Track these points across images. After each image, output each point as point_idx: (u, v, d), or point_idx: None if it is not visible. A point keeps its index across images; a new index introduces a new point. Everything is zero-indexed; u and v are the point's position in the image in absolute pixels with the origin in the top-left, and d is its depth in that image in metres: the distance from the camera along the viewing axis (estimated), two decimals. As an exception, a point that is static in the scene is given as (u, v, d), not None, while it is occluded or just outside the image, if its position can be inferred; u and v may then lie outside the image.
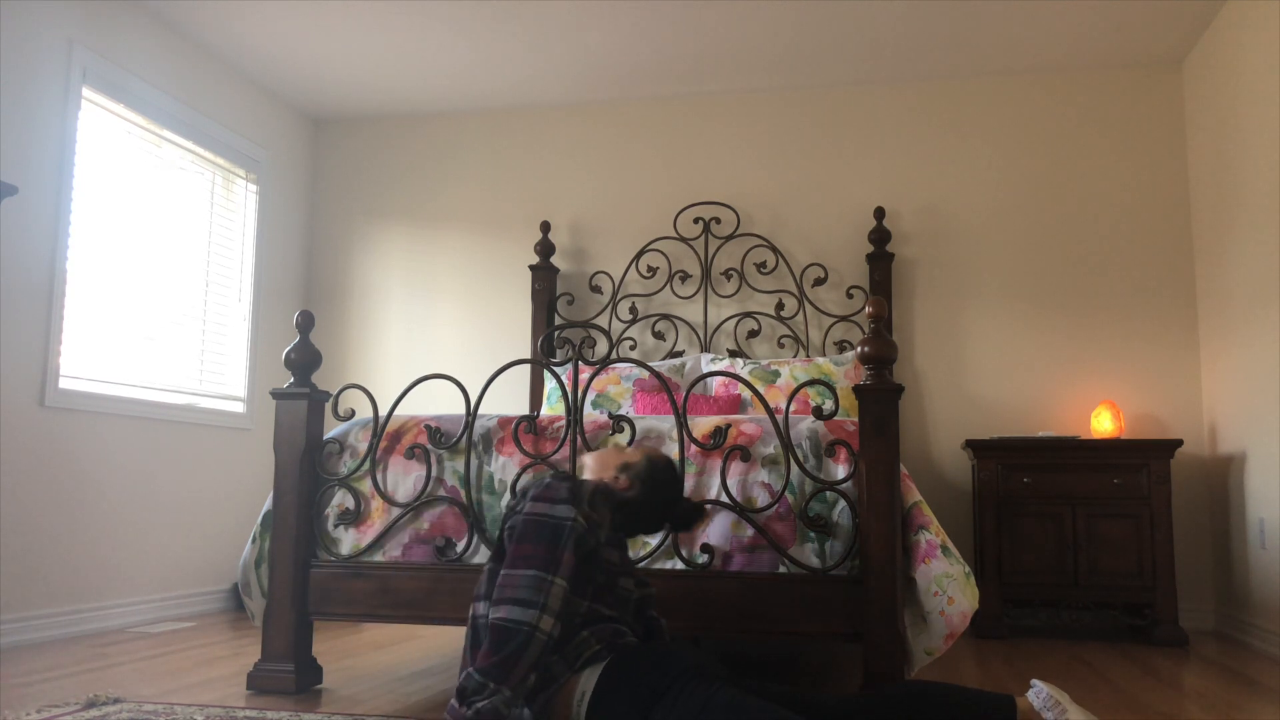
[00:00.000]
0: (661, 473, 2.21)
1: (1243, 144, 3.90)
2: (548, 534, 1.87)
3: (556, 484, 1.94)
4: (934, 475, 4.58)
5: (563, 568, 1.85)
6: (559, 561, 1.85)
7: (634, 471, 2.19)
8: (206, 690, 2.72)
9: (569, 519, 1.89)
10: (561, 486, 1.93)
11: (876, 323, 2.47)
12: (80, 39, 3.89)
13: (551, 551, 1.85)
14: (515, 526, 1.92)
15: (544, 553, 1.85)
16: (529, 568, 1.84)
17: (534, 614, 1.80)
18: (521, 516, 1.91)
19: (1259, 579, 3.79)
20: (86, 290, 3.94)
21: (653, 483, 2.19)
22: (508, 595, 1.83)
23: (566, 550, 1.87)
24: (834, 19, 4.22)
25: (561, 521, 1.88)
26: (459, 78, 4.87)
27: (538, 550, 1.86)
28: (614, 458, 2.23)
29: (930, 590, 2.34)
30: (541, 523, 1.88)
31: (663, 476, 2.21)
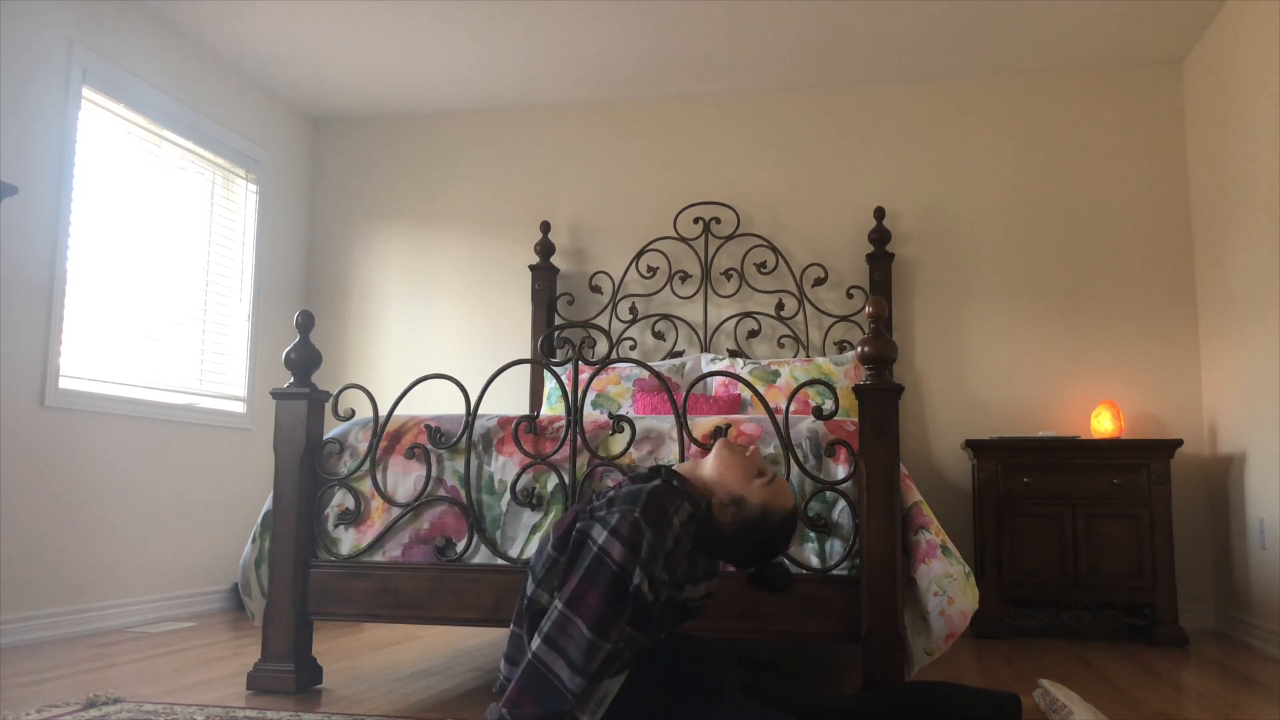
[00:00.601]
0: (771, 530, 1.96)
1: (1243, 144, 3.90)
2: (612, 592, 1.74)
3: (643, 526, 1.77)
4: (934, 475, 4.58)
5: (613, 632, 1.75)
6: (612, 624, 1.74)
7: (744, 513, 1.94)
8: (206, 690, 2.72)
9: (634, 584, 1.75)
10: (643, 535, 1.76)
11: (876, 323, 2.47)
12: (80, 39, 3.89)
13: (608, 612, 1.74)
14: (583, 543, 1.80)
15: (601, 610, 1.74)
16: (585, 623, 1.73)
17: (579, 681, 1.72)
18: (600, 547, 1.77)
19: (1259, 579, 3.79)
20: (86, 290, 3.94)
21: (755, 537, 1.96)
22: (561, 647, 1.73)
23: (623, 616, 1.76)
24: (834, 19, 4.22)
25: (627, 582, 1.75)
26: (459, 78, 4.87)
27: (597, 603, 1.74)
28: (740, 479, 1.96)
29: (930, 590, 2.34)
30: (611, 573, 1.75)
31: (769, 534, 1.96)
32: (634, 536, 1.76)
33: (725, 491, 1.96)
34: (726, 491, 1.96)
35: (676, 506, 1.84)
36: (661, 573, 1.80)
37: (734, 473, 1.97)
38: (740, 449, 2.01)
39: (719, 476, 1.97)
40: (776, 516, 1.96)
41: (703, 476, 1.98)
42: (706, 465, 2.01)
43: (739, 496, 1.95)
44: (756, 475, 1.97)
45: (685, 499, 1.88)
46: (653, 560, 1.77)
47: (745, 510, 1.94)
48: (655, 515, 1.79)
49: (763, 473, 1.98)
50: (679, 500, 1.86)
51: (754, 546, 1.96)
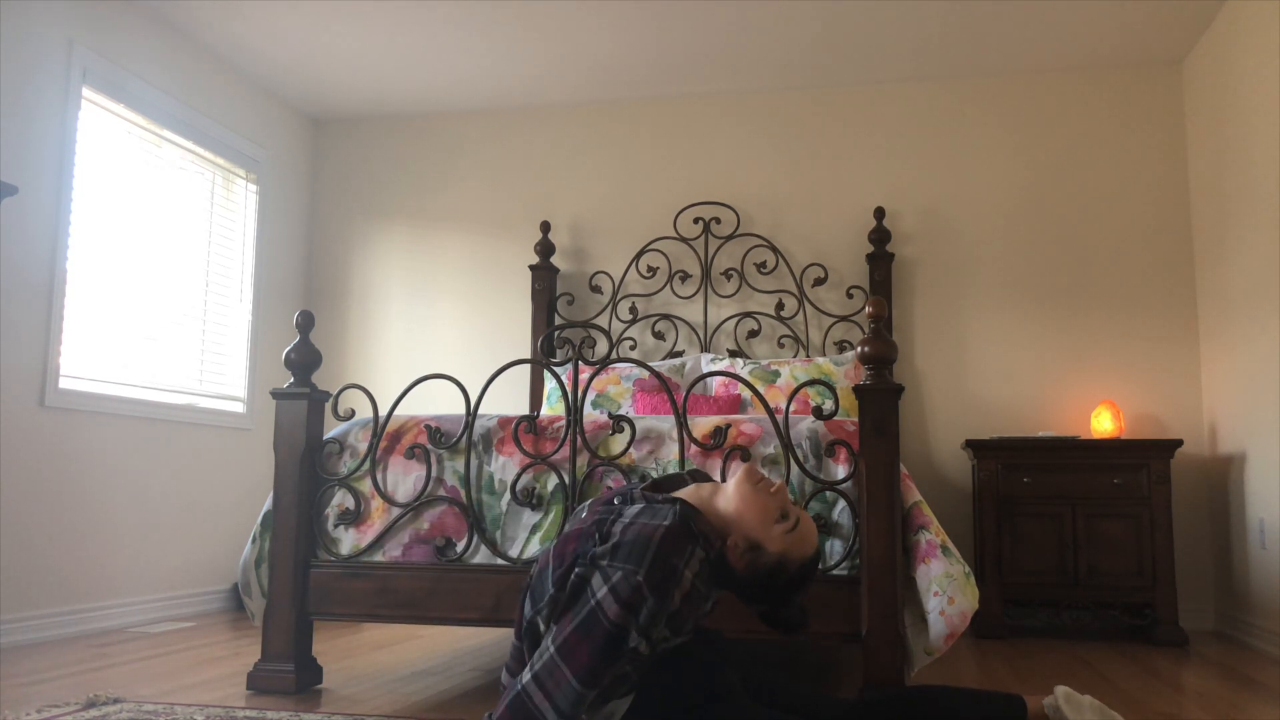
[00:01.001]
0: (788, 579, 1.84)
1: (1243, 144, 3.90)
2: (606, 650, 1.64)
3: (645, 591, 1.63)
4: (934, 475, 4.58)
5: (603, 683, 1.65)
6: (602, 677, 1.65)
7: (760, 560, 1.82)
8: (206, 690, 2.72)
9: (631, 647, 1.64)
10: (645, 601, 1.63)
11: (876, 323, 2.47)
12: (80, 39, 3.89)
13: (600, 666, 1.64)
14: (585, 595, 1.68)
15: (592, 664, 1.63)
16: (573, 673, 1.63)
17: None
18: (597, 602, 1.65)
19: (1259, 579, 3.79)
20: (86, 290, 3.94)
21: (769, 584, 1.84)
22: (548, 690, 1.65)
23: (616, 668, 1.66)
24: (835, 19, 4.22)
25: (620, 645, 1.64)
26: (459, 77, 4.87)
27: (589, 659, 1.63)
28: (761, 523, 1.81)
29: (930, 590, 2.34)
30: (606, 633, 1.63)
31: (785, 582, 1.85)
32: (634, 600, 1.63)
33: (743, 534, 1.82)
34: (744, 534, 1.82)
35: (688, 557, 1.70)
36: (664, 630, 1.70)
37: (755, 514, 1.82)
38: (765, 486, 1.85)
39: (738, 516, 1.82)
40: (795, 566, 1.84)
41: (720, 510, 1.84)
42: (726, 498, 1.85)
43: (756, 542, 1.81)
44: (779, 519, 1.82)
45: (699, 543, 1.74)
46: (653, 624, 1.66)
47: (761, 558, 1.82)
48: (661, 577, 1.65)
49: (786, 515, 1.83)
50: (691, 547, 1.71)
51: (767, 592, 1.86)
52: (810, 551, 1.86)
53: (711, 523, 1.83)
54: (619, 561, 1.67)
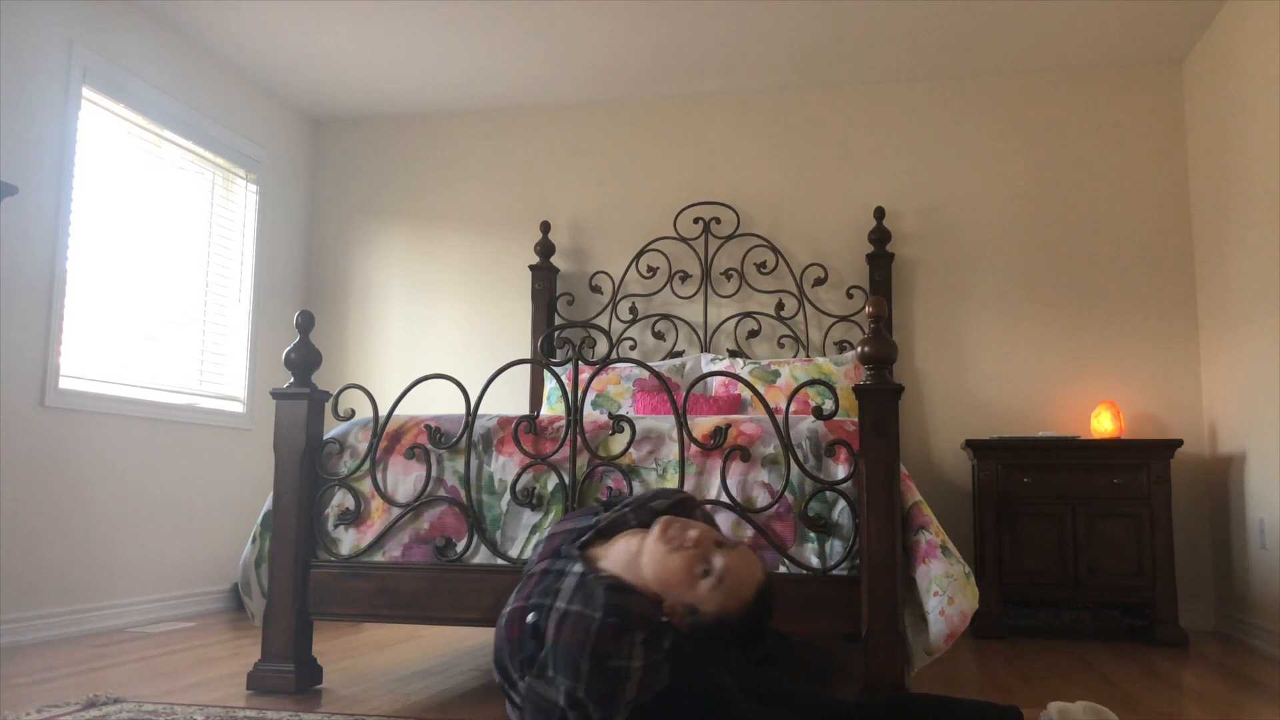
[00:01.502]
0: (737, 627, 1.76)
1: (1243, 144, 3.90)
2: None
3: (591, 709, 1.60)
4: (934, 475, 4.58)
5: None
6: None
7: (700, 621, 1.73)
8: (206, 690, 2.72)
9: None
10: (585, 703, 1.59)
11: (876, 323, 2.47)
12: (80, 39, 3.89)
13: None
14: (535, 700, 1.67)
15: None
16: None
17: None
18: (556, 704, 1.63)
19: (1259, 579, 3.79)
20: (86, 290, 3.94)
21: (722, 635, 1.76)
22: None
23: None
24: (834, 19, 4.22)
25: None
26: (458, 77, 4.87)
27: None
28: (683, 585, 1.71)
29: (930, 590, 2.34)
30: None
31: (737, 629, 1.76)
32: (584, 711, 1.61)
33: (673, 599, 1.71)
34: (675, 599, 1.71)
35: (629, 650, 1.61)
36: (638, 698, 1.64)
37: (674, 577, 1.71)
38: (677, 541, 1.72)
39: (660, 583, 1.72)
40: (737, 616, 1.72)
41: (645, 576, 1.74)
42: (646, 562, 1.74)
43: (689, 605, 1.72)
44: (702, 576, 1.70)
45: (637, 628, 1.64)
46: (615, 713, 1.61)
47: (700, 619, 1.72)
48: (605, 686, 1.59)
49: (709, 569, 1.71)
50: (629, 640, 1.62)
51: (726, 640, 1.77)
52: (749, 595, 1.73)
53: (645, 592, 1.73)
54: (559, 674, 1.61)
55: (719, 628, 1.73)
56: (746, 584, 1.74)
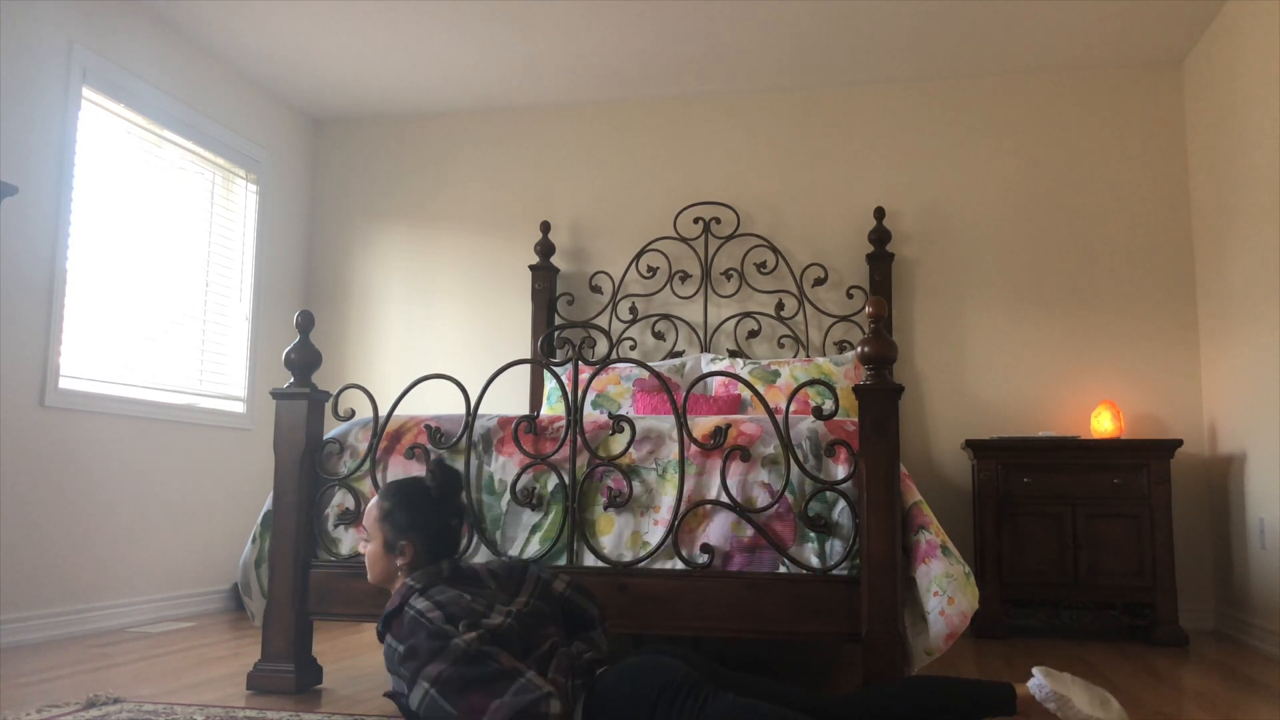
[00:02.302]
0: (403, 495, 2.16)
1: (1243, 144, 3.90)
2: (472, 673, 1.81)
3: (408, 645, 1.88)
4: (934, 475, 4.58)
5: (509, 666, 1.83)
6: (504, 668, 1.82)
7: (395, 533, 2.12)
8: (206, 690, 2.72)
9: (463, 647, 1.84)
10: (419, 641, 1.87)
11: (876, 323, 2.46)
12: (80, 39, 3.89)
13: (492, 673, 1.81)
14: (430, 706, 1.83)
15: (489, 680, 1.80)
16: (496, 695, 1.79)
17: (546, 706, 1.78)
18: (430, 694, 1.83)
19: (1259, 579, 3.79)
20: (86, 290, 3.94)
21: (415, 519, 2.14)
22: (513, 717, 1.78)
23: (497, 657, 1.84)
24: (834, 19, 4.22)
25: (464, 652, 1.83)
26: (459, 78, 4.87)
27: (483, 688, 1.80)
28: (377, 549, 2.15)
29: (930, 590, 2.34)
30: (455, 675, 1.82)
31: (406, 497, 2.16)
32: (414, 662, 1.85)
33: (389, 571, 2.14)
34: (389, 571, 2.14)
35: (406, 603, 1.96)
36: (461, 620, 1.90)
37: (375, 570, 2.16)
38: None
39: (382, 574, 2.15)
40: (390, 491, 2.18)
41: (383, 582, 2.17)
42: (373, 578, 2.18)
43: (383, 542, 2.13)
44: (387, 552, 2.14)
45: (406, 596, 2.00)
46: (442, 645, 1.84)
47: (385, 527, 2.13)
48: (405, 631, 1.91)
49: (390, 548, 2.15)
50: (402, 603, 1.97)
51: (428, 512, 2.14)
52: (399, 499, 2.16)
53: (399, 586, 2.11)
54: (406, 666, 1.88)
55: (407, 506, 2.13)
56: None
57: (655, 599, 2.48)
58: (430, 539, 2.12)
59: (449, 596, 1.97)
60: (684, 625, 2.47)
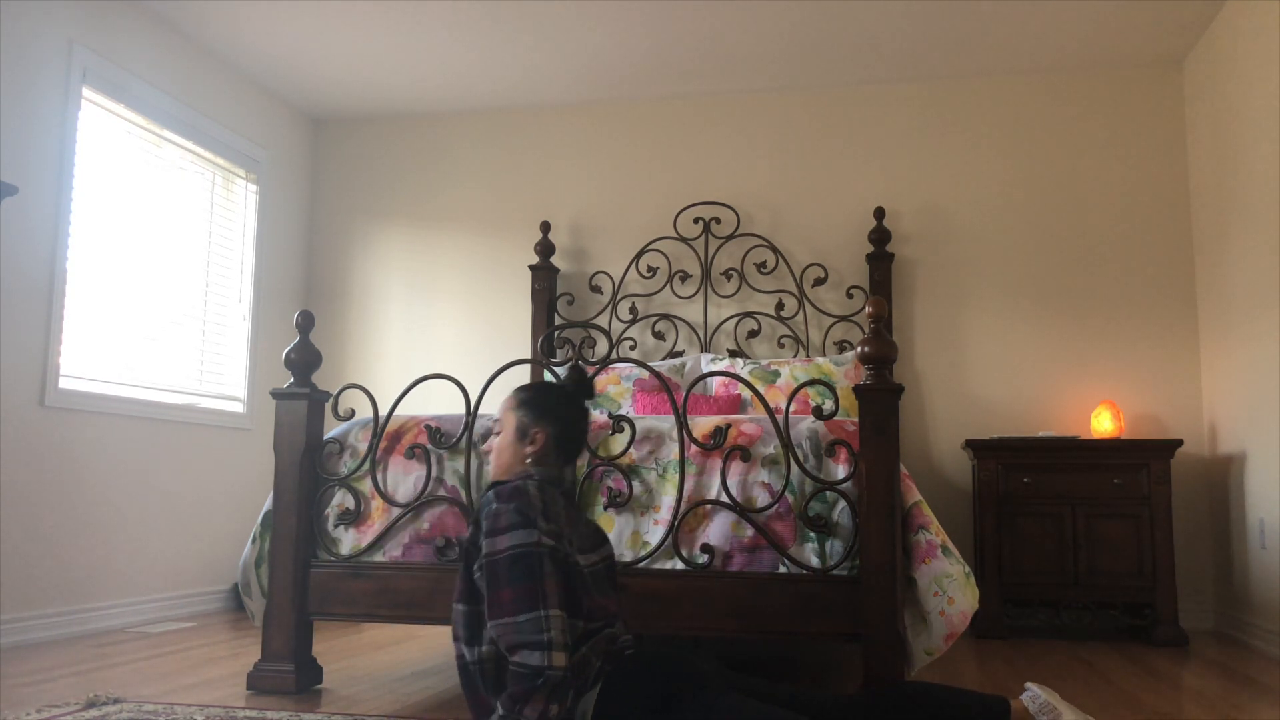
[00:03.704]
0: (542, 389, 2.14)
1: (1243, 144, 3.90)
2: (521, 570, 1.80)
3: (503, 509, 1.86)
4: (934, 475, 4.58)
5: (551, 597, 1.78)
6: (544, 594, 1.78)
7: (530, 419, 2.09)
8: (206, 690, 2.72)
9: (532, 544, 1.81)
10: (508, 510, 1.85)
11: (876, 323, 2.46)
12: (80, 39, 3.89)
13: (532, 588, 1.78)
14: (484, 570, 1.84)
15: (525, 592, 1.78)
16: (517, 613, 1.77)
17: (543, 655, 1.73)
18: (486, 559, 1.83)
19: (1259, 579, 3.79)
20: (86, 290, 3.94)
21: (551, 407, 2.11)
22: (513, 640, 1.76)
23: (546, 579, 1.80)
24: (834, 19, 4.22)
25: (527, 551, 1.81)
26: (459, 77, 4.87)
27: (517, 591, 1.78)
28: (507, 437, 2.10)
29: (930, 590, 2.34)
30: (511, 559, 1.81)
31: (545, 390, 2.14)
32: (501, 520, 1.84)
33: (516, 460, 2.08)
34: (516, 460, 2.08)
35: (524, 482, 1.94)
36: (549, 525, 1.87)
37: (503, 443, 2.10)
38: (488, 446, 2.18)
39: (507, 463, 2.09)
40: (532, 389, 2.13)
41: (506, 471, 2.10)
42: (495, 467, 2.13)
43: (517, 429, 2.08)
44: (502, 418, 2.11)
45: (524, 479, 1.98)
46: (529, 520, 1.84)
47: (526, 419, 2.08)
48: (508, 493, 1.89)
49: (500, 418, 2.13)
50: (521, 480, 1.97)
51: (564, 408, 2.11)
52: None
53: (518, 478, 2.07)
54: (482, 523, 1.89)
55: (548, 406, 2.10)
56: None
57: (655, 599, 2.48)
58: (562, 430, 2.09)
59: (557, 508, 1.95)
60: (684, 625, 2.47)
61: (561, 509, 1.97)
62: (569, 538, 1.95)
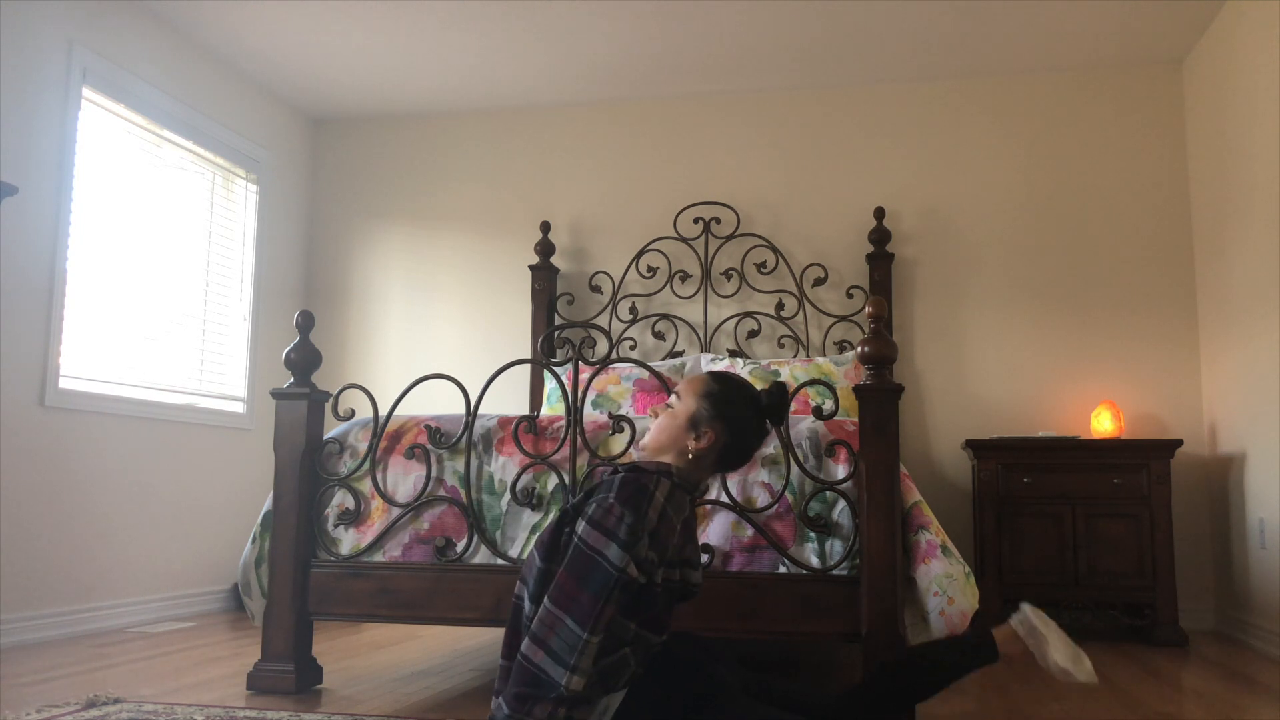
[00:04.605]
0: (736, 389, 1.96)
1: (1243, 144, 3.90)
2: (596, 582, 1.72)
3: (618, 512, 1.74)
4: (934, 475, 4.58)
5: (600, 623, 1.71)
6: (599, 617, 1.71)
7: (710, 414, 1.91)
8: (206, 690, 2.72)
9: (618, 570, 1.71)
10: (620, 519, 1.74)
11: (876, 323, 2.46)
12: (80, 39, 3.89)
13: (594, 604, 1.71)
14: (573, 543, 1.77)
15: (587, 603, 1.70)
16: (569, 615, 1.71)
17: (564, 674, 1.68)
18: (580, 538, 1.75)
19: (1259, 579, 3.79)
20: (86, 290, 3.93)
21: (738, 414, 1.93)
22: (544, 640, 1.71)
23: (609, 604, 1.72)
24: (835, 19, 4.22)
25: (609, 571, 1.71)
26: (459, 78, 4.87)
27: (582, 596, 1.71)
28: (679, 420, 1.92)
29: (930, 590, 2.34)
30: (593, 562, 1.73)
31: (738, 392, 1.96)
32: (610, 520, 1.74)
33: (674, 444, 1.92)
34: (675, 444, 1.92)
35: (655, 482, 1.81)
36: (650, 552, 1.76)
37: (673, 423, 1.94)
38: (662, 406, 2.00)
39: (663, 445, 1.93)
40: (718, 381, 1.96)
41: (656, 451, 1.95)
42: (650, 440, 1.96)
43: (690, 418, 1.92)
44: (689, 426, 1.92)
45: (661, 475, 1.84)
46: (635, 541, 1.73)
47: (705, 414, 1.91)
48: (631, 494, 1.76)
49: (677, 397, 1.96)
50: (656, 476, 1.82)
51: (745, 412, 1.95)
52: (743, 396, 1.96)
53: (662, 464, 1.92)
54: (594, 498, 1.79)
55: (730, 405, 1.93)
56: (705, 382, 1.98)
57: (655, 599, 2.48)
58: (734, 437, 1.93)
59: (671, 525, 1.82)
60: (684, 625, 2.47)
61: (678, 525, 1.85)
62: (670, 558, 1.85)
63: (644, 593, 1.79)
